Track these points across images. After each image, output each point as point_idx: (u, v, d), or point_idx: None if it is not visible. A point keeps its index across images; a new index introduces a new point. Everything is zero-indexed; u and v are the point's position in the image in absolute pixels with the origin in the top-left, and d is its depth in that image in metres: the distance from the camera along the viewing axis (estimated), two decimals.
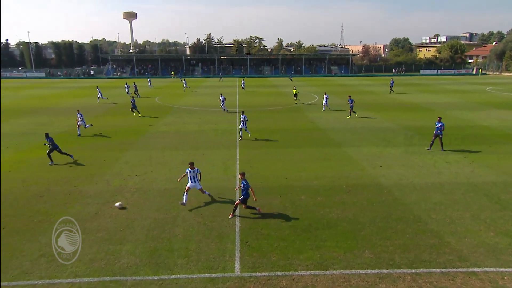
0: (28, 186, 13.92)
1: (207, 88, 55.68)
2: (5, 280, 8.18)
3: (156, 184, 14.19)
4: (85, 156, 17.87)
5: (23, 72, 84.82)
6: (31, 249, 9.46)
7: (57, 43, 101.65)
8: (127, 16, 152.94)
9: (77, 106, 34.91)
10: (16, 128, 24.54)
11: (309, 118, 28.67)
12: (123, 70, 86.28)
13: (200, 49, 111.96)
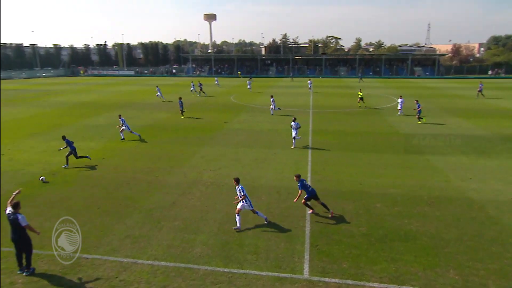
0: (118, 173, 15.58)
1: (280, 88, 56.13)
2: (98, 254, 9.28)
3: (229, 179, 14.74)
4: (166, 149, 19.37)
5: (117, 70, 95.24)
6: (119, 230, 10.57)
7: (145, 44, 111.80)
8: (207, 18, 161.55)
9: (157, 102, 37.93)
10: (109, 121, 27.62)
11: (388, 121, 27.09)
12: (202, 69, 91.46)
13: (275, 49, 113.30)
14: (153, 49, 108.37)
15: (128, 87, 57.12)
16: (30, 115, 30.52)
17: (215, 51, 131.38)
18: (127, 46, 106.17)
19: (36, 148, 19.53)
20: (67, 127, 25.34)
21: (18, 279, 8.34)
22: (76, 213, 11.61)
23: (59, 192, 13.41)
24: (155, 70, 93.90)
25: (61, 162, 16.89)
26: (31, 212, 11.64)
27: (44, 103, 37.77)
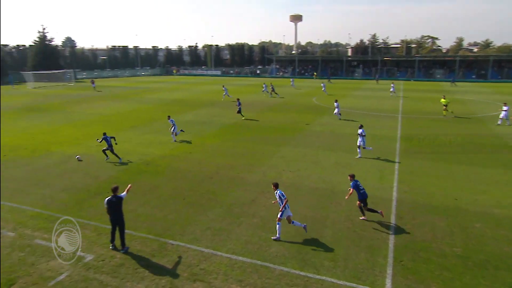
0: (202, 167, 16.60)
1: (365, 90, 53.66)
2: (182, 242, 10.02)
3: (308, 181, 14.62)
4: (248, 147, 20.01)
5: (205, 70, 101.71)
6: (201, 221, 11.26)
7: (232, 45, 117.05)
8: (293, 18, 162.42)
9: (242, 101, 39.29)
10: (196, 118, 29.64)
11: (494, 132, 23.91)
12: (285, 70, 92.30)
13: (363, 50, 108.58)
14: (239, 50, 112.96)
15: (214, 86, 60.48)
16: (130, 109, 34.39)
17: (299, 52, 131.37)
18: (215, 48, 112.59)
19: (134, 140, 21.90)
20: (159, 121, 27.87)
21: (116, 254, 9.43)
22: (164, 201, 12.72)
23: (150, 181, 14.82)
24: (240, 70, 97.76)
25: (153, 154, 18.66)
26: (128, 196, 13.03)
27: (142, 99, 42.18)
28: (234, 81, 74.74)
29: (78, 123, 27.20)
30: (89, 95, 45.86)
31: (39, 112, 32.54)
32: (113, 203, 9.50)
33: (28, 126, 25.99)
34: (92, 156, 18.17)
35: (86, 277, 8.47)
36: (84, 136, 22.52)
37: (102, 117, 29.95)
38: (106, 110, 33.57)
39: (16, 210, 11.92)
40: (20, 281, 8.31)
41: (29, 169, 16.16)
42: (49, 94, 49.02)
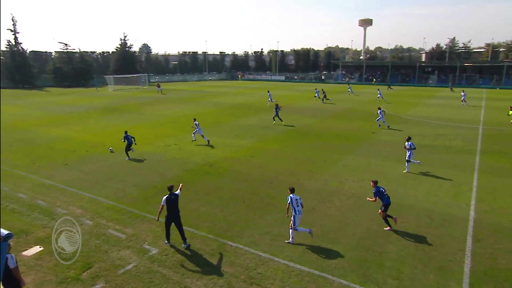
0: (262, 171, 16.79)
1: (440, 98, 49.83)
2: (241, 244, 10.22)
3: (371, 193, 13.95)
4: (309, 154, 19.77)
5: (269, 75, 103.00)
6: (260, 225, 11.37)
7: (297, 51, 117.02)
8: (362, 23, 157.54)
9: (303, 107, 38.96)
10: (259, 122, 30.09)
11: None
12: (352, 76, 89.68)
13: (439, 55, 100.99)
14: (304, 55, 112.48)
15: (278, 92, 60.91)
16: (197, 112, 36.13)
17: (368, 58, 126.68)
18: (280, 53, 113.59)
19: (199, 141, 22.93)
20: (223, 124, 28.87)
21: (179, 251, 9.93)
22: (225, 202, 13.10)
23: (213, 182, 15.38)
24: (305, 75, 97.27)
25: (216, 156, 19.36)
26: (191, 196, 13.75)
27: (208, 103, 44.10)
28: (297, 86, 74.57)
29: (149, 124, 29.32)
30: (159, 98, 49.20)
31: (116, 113, 35.77)
32: (172, 201, 9.96)
33: (107, 125, 28.70)
34: (160, 155, 19.42)
35: (150, 269, 9.05)
36: (154, 136, 24.18)
37: (170, 119, 31.92)
38: (174, 112, 35.72)
39: (94, 201, 13.20)
40: (95, 266, 9.17)
41: (106, 165, 17.81)
42: (125, 96, 53.68)
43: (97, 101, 46.22)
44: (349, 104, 42.32)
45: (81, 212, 12.28)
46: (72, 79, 75.43)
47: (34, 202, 13.06)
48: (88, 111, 37.05)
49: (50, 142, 22.67)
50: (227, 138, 23.76)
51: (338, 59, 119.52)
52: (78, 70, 75.90)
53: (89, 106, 41.19)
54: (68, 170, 16.95)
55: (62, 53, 77.55)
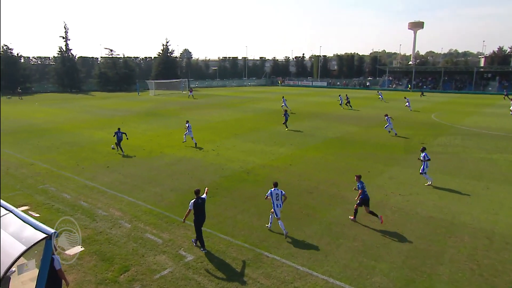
0: (301, 180, 16.60)
1: (501, 107, 46.64)
2: (277, 255, 10.12)
3: (421, 208, 13.30)
4: (352, 164, 19.29)
5: (310, 81, 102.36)
6: (298, 237, 11.20)
7: (341, 56, 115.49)
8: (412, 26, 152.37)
9: (346, 115, 38.20)
10: (299, 129, 29.88)
11: None
12: (399, 83, 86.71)
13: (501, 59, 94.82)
14: (348, 60, 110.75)
15: (319, 98, 60.34)
16: (235, 118, 36.66)
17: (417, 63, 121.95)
18: (323, 58, 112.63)
19: (237, 147, 23.20)
20: (262, 131, 29.00)
21: (214, 259, 10.04)
22: (262, 211, 13.08)
23: (250, 189, 15.44)
24: (348, 81, 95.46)
25: (254, 163, 19.45)
26: (228, 203, 13.89)
27: (247, 109, 44.59)
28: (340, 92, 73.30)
29: None
30: (199, 103, 50.51)
31: (157, 117, 37.20)
32: (199, 205, 10.35)
33: (148, 129, 29.91)
34: (198, 161, 19.86)
35: (186, 276, 9.21)
36: (192, 141, 24.82)
37: (209, 124, 32.63)
38: (213, 118, 36.49)
39: (133, 204, 13.74)
40: (132, 269, 9.50)
41: (145, 168, 18.52)
42: (166, 100, 55.74)
43: (139, 106, 48.38)
44: (396, 112, 40.87)
45: (120, 214, 12.82)
46: (116, 84, 79.77)
47: (77, 203, 13.85)
48: (130, 115, 38.87)
49: (93, 145, 24.02)
50: (266, 145, 23.83)
51: (384, 64, 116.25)
52: (121, 75, 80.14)
53: (130, 110, 43.23)
54: (109, 172, 17.83)
55: (107, 58, 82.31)
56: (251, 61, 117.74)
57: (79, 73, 78.15)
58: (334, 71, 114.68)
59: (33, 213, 12.75)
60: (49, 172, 17.92)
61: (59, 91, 75.74)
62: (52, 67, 77.65)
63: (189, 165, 19.13)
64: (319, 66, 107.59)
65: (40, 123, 33.00)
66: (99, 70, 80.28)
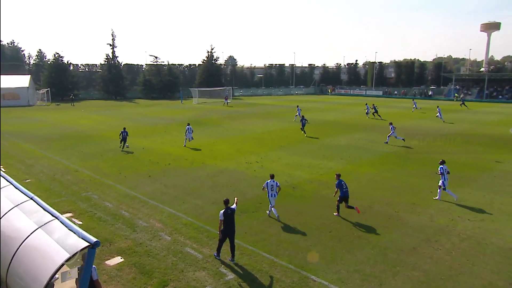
0: (353, 199, 15.95)
1: None
2: (326, 280, 9.86)
3: (496, 237, 12.34)
4: (410, 183, 18.45)
5: (364, 90, 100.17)
6: (349, 261, 10.85)
7: (399, 62, 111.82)
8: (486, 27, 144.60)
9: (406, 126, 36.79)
10: (351, 142, 29.23)
11: None
12: (468, 92, 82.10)
13: None
14: (407, 67, 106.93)
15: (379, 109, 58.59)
16: (281, 128, 36.69)
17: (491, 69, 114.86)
18: (378, 65, 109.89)
19: (282, 160, 23.14)
20: (309, 143, 28.72)
21: (256, 279, 9.99)
22: (308, 230, 12.86)
23: (296, 206, 15.27)
24: (407, 91, 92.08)
25: (300, 177, 19.27)
26: (272, 219, 13.82)
27: (293, 119, 44.50)
28: (398, 102, 70.94)
29: (231, 139, 30.66)
30: (243, 112, 51.28)
31: (199, 126, 38.25)
32: (228, 215, 10.79)
33: None
34: (241, 173, 20.06)
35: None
36: (235, 152, 25.17)
37: (253, 134, 32.94)
38: (257, 128, 36.81)
39: (174, 216, 14.13)
40: (171, 284, 9.72)
41: (187, 179, 19.03)
42: (209, 109, 57.28)
43: (182, 114, 50.13)
44: (466, 125, 38.67)
45: (160, 226, 13.23)
46: (160, 91, 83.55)
47: (119, 212, 14.51)
48: (172, 123, 40.37)
49: (136, 153, 25.17)
50: (313, 158, 23.55)
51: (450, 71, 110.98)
52: (165, 82, 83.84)
53: (173, 118, 44.90)
54: (151, 181, 18.54)
55: (152, 65, 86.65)
56: (299, 68, 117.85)
57: (124, 80, 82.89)
58: (391, 79, 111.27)
59: (76, 220, 13.55)
60: (92, 179, 19.02)
61: (104, 98, 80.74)
62: (99, 74, 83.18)
63: (231, 177, 19.36)
64: (374, 74, 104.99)
65: (85, 130, 35.28)
66: (143, 77, 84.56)
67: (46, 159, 23.42)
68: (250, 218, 13.97)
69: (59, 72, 75.13)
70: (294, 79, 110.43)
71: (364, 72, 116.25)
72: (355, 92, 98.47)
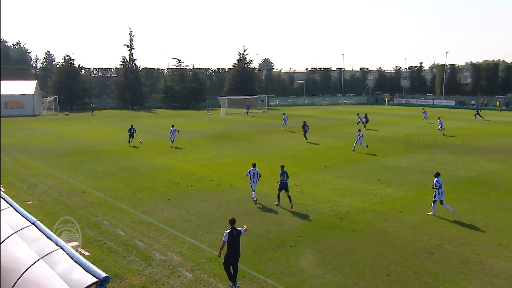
0: (418, 234, 15.59)
1: None
2: None
3: None
4: (495, 218, 17.68)
5: (430, 99, 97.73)
6: None
7: (477, 65, 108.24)
8: None
9: (489, 146, 35.44)
10: (414, 163, 28.45)
11: None
12: None
13: None
14: (488, 71, 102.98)
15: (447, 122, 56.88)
16: (326, 145, 36.39)
17: None
18: (449, 68, 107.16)
19: (327, 184, 22.85)
20: (361, 163, 28.24)
21: None
22: (360, 272, 12.49)
23: (344, 241, 14.91)
24: (489, 100, 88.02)
25: (350, 205, 18.95)
26: (314, 256, 13.58)
27: (341, 134, 44.08)
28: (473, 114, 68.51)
29: (266, 157, 30.70)
30: (279, 125, 51.35)
31: (227, 141, 38.71)
32: (234, 237, 11.38)
33: (216, 156, 31.16)
34: (276, 199, 19.94)
35: None
36: (271, 173, 25.14)
37: (292, 152, 32.85)
38: (297, 144, 36.69)
39: (196, 248, 14.19)
40: None
41: (213, 204, 19.16)
42: (240, 121, 57.95)
43: (208, 126, 50.98)
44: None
45: (180, 260, 13.30)
46: (182, 100, 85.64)
47: (132, 242, 14.75)
48: (197, 137, 41.07)
49: (153, 172, 25.71)
50: (366, 182, 23.08)
51: None
52: (189, 89, 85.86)
53: (198, 131, 45.71)
54: (170, 206, 18.79)
55: (175, 70, 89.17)
56: (348, 73, 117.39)
57: (142, 87, 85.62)
58: (467, 86, 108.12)
59: (82, 250, 13.87)
60: (103, 202, 19.54)
61: (119, 107, 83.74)
62: (113, 80, 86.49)
63: (265, 203, 19.31)
64: (444, 79, 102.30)
65: (96, 144, 36.58)
66: (164, 83, 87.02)
67: (51, 177, 24.38)
68: (287, 254, 13.79)
69: (69, 77, 78.86)
70: (342, 86, 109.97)
71: (431, 77, 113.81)
72: (419, 102, 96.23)
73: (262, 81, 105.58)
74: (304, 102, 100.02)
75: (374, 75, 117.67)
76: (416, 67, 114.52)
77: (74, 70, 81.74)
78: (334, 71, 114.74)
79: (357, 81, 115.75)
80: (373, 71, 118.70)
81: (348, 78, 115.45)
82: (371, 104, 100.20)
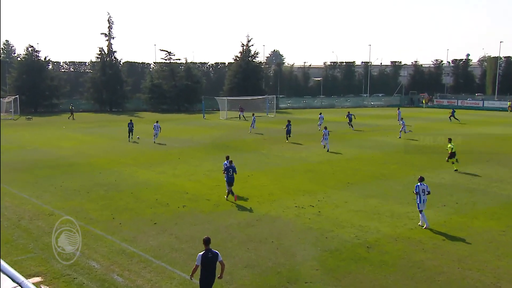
0: (466, 270, 15.44)
1: None
2: None
3: None
4: None
5: (480, 99, 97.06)
6: None
7: None
8: None
9: None
10: (458, 180, 28.36)
11: None
12: None
13: None
14: None
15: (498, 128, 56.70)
16: (348, 157, 36.31)
17: None
18: (504, 61, 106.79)
19: (351, 204, 22.77)
20: (392, 180, 28.13)
21: None
22: None
23: (373, 276, 14.78)
24: None
25: (379, 232, 18.84)
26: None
27: (367, 143, 44.01)
28: None
29: (274, 171, 30.67)
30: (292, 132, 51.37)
31: (228, 151, 38.44)
32: (208, 260, 11.56)
33: (213, 169, 31.07)
34: (287, 222, 19.88)
35: None
36: (280, 191, 25.13)
37: (306, 165, 32.80)
38: (312, 155, 36.64)
39: (189, 285, 14.02)
40: None
41: (209, 228, 19.07)
42: (242, 126, 58.02)
43: (203, 133, 51.08)
44: None
45: None
46: (173, 101, 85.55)
47: (109, 277, 14.69)
48: (190, 146, 41.17)
49: (136, 189, 25.71)
50: (399, 203, 23.00)
51: None
52: (181, 88, 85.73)
53: (192, 140, 45.82)
54: (156, 232, 18.74)
55: (163, 64, 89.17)
56: (376, 68, 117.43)
57: (123, 85, 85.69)
58: None
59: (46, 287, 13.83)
60: None
61: (94, 109, 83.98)
62: (88, 76, 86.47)
63: (274, 228, 19.22)
64: (497, 75, 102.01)
65: (67, 156, 36.69)
66: (151, 81, 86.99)
67: (9, 196, 24.32)
68: None
69: (33, 73, 78.74)
70: (369, 84, 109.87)
71: (481, 73, 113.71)
72: (465, 104, 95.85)
73: (270, 78, 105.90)
74: (321, 103, 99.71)
75: (408, 70, 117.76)
76: (462, 60, 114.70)
77: (39, 64, 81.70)
78: (358, 65, 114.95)
79: (387, 78, 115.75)
80: (407, 66, 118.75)
81: (376, 75, 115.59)
82: (405, 106, 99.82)
